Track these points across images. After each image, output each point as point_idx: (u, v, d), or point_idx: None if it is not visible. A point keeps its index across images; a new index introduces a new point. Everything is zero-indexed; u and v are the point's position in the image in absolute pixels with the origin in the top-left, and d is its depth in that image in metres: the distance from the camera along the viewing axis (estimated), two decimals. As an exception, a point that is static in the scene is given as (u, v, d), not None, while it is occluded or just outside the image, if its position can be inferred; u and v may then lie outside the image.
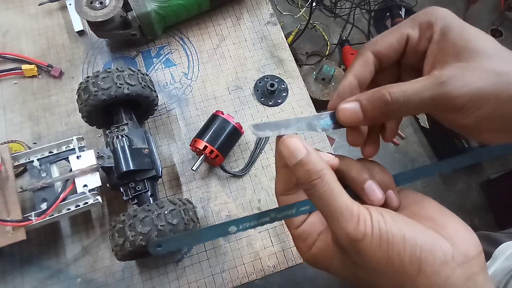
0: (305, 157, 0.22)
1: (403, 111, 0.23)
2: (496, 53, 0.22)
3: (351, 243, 0.21)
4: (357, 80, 0.26)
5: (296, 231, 0.26)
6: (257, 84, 0.70)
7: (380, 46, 0.26)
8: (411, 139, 1.60)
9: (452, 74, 0.22)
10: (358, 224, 0.21)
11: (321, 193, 0.22)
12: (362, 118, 0.24)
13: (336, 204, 0.21)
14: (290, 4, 1.80)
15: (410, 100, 0.22)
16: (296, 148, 0.23)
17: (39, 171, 0.51)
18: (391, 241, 0.20)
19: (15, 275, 0.54)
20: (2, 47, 0.69)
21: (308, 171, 0.22)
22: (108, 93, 0.52)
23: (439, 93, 0.22)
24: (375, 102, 0.23)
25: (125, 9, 0.64)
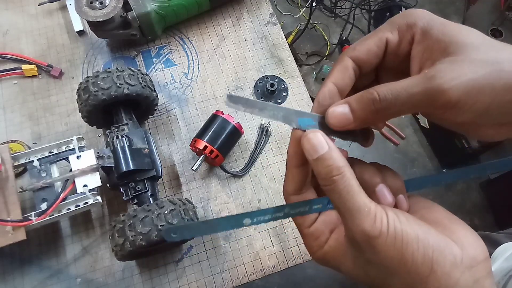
0: (327, 152, 0.23)
1: (392, 109, 0.22)
2: (483, 43, 0.22)
3: (367, 239, 0.21)
4: (337, 86, 0.26)
5: (308, 230, 0.26)
6: (257, 84, 0.70)
7: (358, 51, 0.26)
8: (411, 139, 1.60)
9: (441, 68, 0.21)
10: (375, 221, 0.21)
11: (340, 189, 0.22)
12: (351, 119, 0.24)
13: (355, 201, 0.22)
14: (290, 4, 1.80)
15: (399, 97, 0.22)
16: (319, 142, 0.23)
17: (39, 171, 0.51)
18: (405, 240, 0.20)
19: (15, 275, 0.54)
20: (2, 47, 0.69)
21: (329, 167, 0.22)
22: (108, 93, 0.52)
23: (429, 88, 0.21)
24: (364, 103, 0.23)
25: (125, 9, 0.64)
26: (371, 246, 0.21)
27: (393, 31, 0.25)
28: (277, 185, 0.63)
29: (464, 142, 1.37)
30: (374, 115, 0.23)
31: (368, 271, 0.23)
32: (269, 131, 0.66)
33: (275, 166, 0.65)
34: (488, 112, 0.21)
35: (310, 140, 0.23)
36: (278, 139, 0.67)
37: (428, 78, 0.21)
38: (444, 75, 0.21)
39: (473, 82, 0.20)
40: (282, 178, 0.64)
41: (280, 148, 0.66)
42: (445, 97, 0.20)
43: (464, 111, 0.21)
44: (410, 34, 0.24)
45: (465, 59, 0.21)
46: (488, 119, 0.22)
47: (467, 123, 0.22)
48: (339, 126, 0.24)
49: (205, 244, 0.58)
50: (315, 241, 0.26)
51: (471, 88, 0.20)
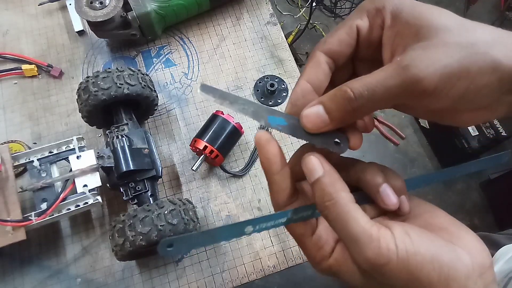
0: (321, 176, 0.22)
1: (369, 106, 0.21)
2: (457, 25, 0.21)
3: (374, 267, 0.20)
4: (311, 84, 0.24)
5: (311, 239, 0.24)
6: (257, 84, 0.70)
7: (330, 44, 0.24)
8: (411, 139, 1.60)
9: (414, 56, 0.20)
10: (379, 249, 0.20)
11: (334, 216, 0.21)
12: (328, 121, 0.22)
13: (352, 228, 0.20)
14: (290, 4, 1.80)
15: (375, 92, 0.20)
16: (313, 166, 0.22)
17: (39, 171, 0.51)
18: (420, 262, 0.19)
19: (15, 275, 0.54)
20: (2, 47, 0.69)
21: (322, 192, 0.22)
22: (108, 93, 0.52)
23: (404, 79, 0.20)
24: (338, 101, 0.21)
25: (125, 9, 0.64)
26: (380, 273, 0.20)
27: (362, 17, 0.24)
28: (277, 185, 0.63)
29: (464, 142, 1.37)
30: (351, 114, 0.22)
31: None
32: (269, 131, 0.66)
33: (275, 166, 0.65)
34: (465, 97, 0.20)
35: (307, 164, 0.23)
36: (278, 139, 0.67)
37: (403, 68, 0.20)
38: (419, 63, 0.19)
39: (449, 67, 0.19)
40: (282, 178, 0.64)
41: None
42: (422, 86, 0.19)
43: (441, 98, 0.20)
44: (380, 18, 0.23)
45: (438, 43, 0.20)
46: (465, 104, 0.21)
47: (446, 110, 0.22)
48: (314, 129, 0.23)
49: (205, 244, 0.58)
50: (318, 251, 0.24)
51: (447, 74, 0.19)
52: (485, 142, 1.34)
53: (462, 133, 1.36)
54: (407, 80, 0.20)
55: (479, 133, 1.35)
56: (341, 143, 0.24)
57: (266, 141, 0.23)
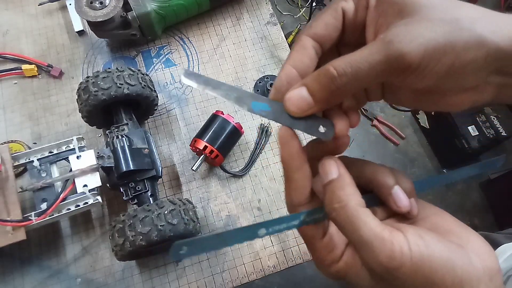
0: (334, 179, 0.22)
1: (354, 84, 0.20)
2: (441, 2, 0.20)
3: (387, 271, 0.19)
4: (297, 69, 0.23)
5: (321, 242, 0.23)
6: (257, 84, 0.70)
7: (315, 27, 0.23)
8: (411, 139, 1.60)
9: (398, 31, 0.19)
10: (393, 252, 0.19)
11: (343, 219, 0.21)
12: (312, 103, 0.21)
13: (362, 232, 0.20)
14: (290, 4, 1.80)
15: (359, 69, 0.20)
16: (329, 168, 0.22)
17: (39, 171, 0.51)
18: (434, 265, 0.19)
19: (15, 275, 0.54)
20: (2, 47, 0.69)
21: (331, 194, 0.21)
22: (108, 93, 0.52)
23: (389, 54, 0.19)
24: (321, 81, 0.21)
25: (125, 9, 0.64)
26: (394, 277, 0.20)
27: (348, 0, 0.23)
28: (277, 185, 0.63)
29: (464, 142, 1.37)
30: (335, 94, 0.21)
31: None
32: (269, 131, 0.66)
33: (275, 166, 0.65)
34: (451, 73, 0.20)
35: (324, 165, 0.22)
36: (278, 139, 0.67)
37: (387, 43, 0.19)
38: (402, 38, 0.19)
39: (433, 42, 0.19)
40: (282, 178, 0.64)
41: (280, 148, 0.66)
42: (406, 61, 0.19)
43: (426, 74, 0.20)
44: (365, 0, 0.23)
45: (422, 19, 0.20)
46: (451, 83, 0.20)
47: (429, 90, 0.21)
48: (299, 112, 0.22)
49: (205, 244, 0.58)
50: (328, 254, 0.23)
51: (432, 48, 0.19)
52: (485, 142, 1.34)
53: (462, 133, 1.36)
54: (391, 55, 0.19)
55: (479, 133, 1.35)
56: (326, 129, 0.23)
57: (290, 136, 0.23)
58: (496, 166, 0.27)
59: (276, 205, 0.62)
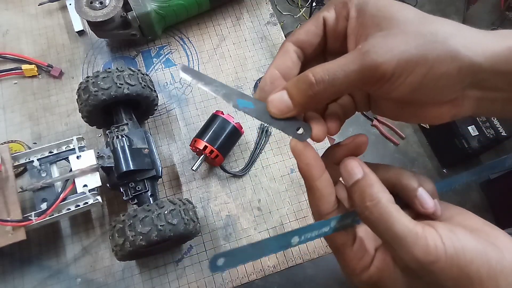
0: (361, 178, 0.22)
1: (330, 91, 0.22)
2: (418, 17, 0.21)
3: (423, 267, 0.20)
4: (280, 71, 0.25)
5: (352, 249, 0.23)
6: (257, 84, 0.70)
7: (298, 34, 0.25)
8: (411, 139, 1.60)
9: (374, 43, 0.21)
10: (427, 247, 0.19)
11: (376, 217, 0.21)
12: (291, 106, 0.23)
13: (396, 229, 0.20)
14: (290, 4, 1.80)
15: (336, 77, 0.21)
16: (353, 168, 0.23)
17: (39, 171, 0.51)
18: (469, 258, 0.19)
19: (15, 275, 0.54)
20: (2, 47, 0.69)
21: (362, 193, 0.22)
22: (108, 93, 0.52)
23: (364, 64, 0.20)
24: (300, 86, 0.22)
25: (125, 9, 0.64)
26: (429, 271, 0.20)
27: (330, 10, 0.25)
28: (277, 185, 0.63)
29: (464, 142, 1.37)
30: (312, 99, 0.22)
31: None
32: (269, 131, 0.66)
33: (275, 166, 0.65)
34: (424, 85, 0.20)
35: (346, 166, 0.23)
36: (278, 139, 0.67)
37: (363, 54, 0.21)
38: (378, 49, 0.20)
39: (406, 53, 0.20)
40: (282, 178, 0.64)
41: (280, 148, 0.66)
42: (380, 71, 0.20)
43: (399, 84, 0.21)
44: (346, 10, 0.24)
45: (398, 32, 0.21)
46: (427, 94, 0.21)
47: (409, 101, 0.22)
48: (278, 114, 0.23)
49: (205, 244, 0.58)
50: (359, 262, 0.23)
51: (405, 59, 0.20)
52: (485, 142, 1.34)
53: (462, 133, 1.36)
54: (366, 65, 0.20)
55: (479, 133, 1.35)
56: (304, 131, 0.24)
57: (304, 146, 0.23)
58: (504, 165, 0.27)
59: (276, 205, 0.62)
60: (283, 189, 0.63)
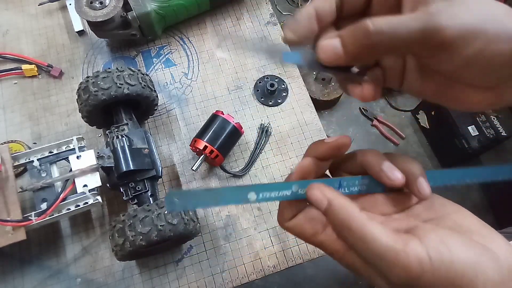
0: (327, 206, 0.22)
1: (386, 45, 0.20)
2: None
3: (407, 283, 0.19)
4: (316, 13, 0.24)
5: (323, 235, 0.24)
6: (257, 84, 0.70)
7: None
8: (411, 139, 1.60)
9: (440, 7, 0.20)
10: (409, 263, 0.19)
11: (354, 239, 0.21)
12: (342, 54, 0.22)
13: (374, 247, 0.20)
14: (290, 4, 1.80)
15: (396, 31, 0.20)
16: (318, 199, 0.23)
17: (39, 171, 0.51)
18: (460, 271, 0.19)
19: (15, 275, 0.54)
20: (2, 47, 0.69)
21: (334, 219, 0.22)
22: (108, 93, 0.52)
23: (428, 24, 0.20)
24: (356, 34, 0.21)
25: (125, 9, 0.64)
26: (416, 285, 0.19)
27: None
28: (277, 185, 0.63)
29: (464, 142, 1.37)
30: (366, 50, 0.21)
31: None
32: (269, 131, 0.66)
33: (275, 166, 0.65)
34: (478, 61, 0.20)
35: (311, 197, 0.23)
36: (278, 139, 0.67)
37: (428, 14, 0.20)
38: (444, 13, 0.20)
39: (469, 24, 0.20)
40: (282, 178, 0.64)
41: (280, 148, 0.66)
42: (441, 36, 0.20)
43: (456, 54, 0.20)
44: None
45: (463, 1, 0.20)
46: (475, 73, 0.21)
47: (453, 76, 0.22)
48: (328, 61, 0.22)
49: (205, 244, 0.59)
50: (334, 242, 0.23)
51: (466, 29, 0.20)
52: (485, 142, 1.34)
53: (462, 133, 1.36)
54: (430, 26, 0.20)
55: (479, 133, 1.35)
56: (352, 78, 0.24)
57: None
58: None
59: (276, 205, 0.62)
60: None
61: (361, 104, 1.63)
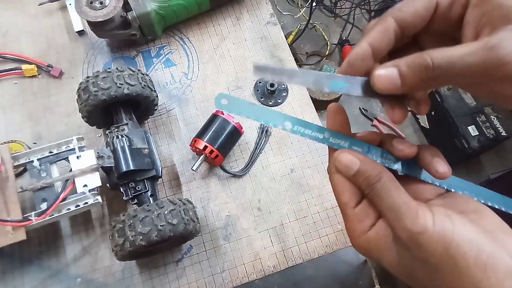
0: (360, 166, 0.24)
1: (445, 79, 0.21)
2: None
3: (411, 236, 0.21)
4: (372, 48, 0.24)
5: (353, 210, 0.25)
6: (257, 84, 0.70)
7: (404, 13, 0.23)
8: (411, 139, 1.60)
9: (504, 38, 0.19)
10: (417, 217, 0.21)
11: (379, 192, 0.23)
12: (399, 85, 0.22)
13: (394, 200, 0.22)
14: (290, 4, 1.79)
15: (455, 65, 0.20)
16: (349, 161, 0.24)
17: (39, 171, 0.51)
18: (456, 240, 0.20)
19: (15, 275, 0.54)
20: (2, 47, 0.69)
21: (367, 178, 0.23)
22: (108, 93, 0.52)
23: (489, 58, 0.19)
24: (415, 68, 0.21)
25: (125, 9, 0.64)
26: (416, 242, 0.21)
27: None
28: (277, 185, 0.63)
29: (464, 142, 1.37)
30: (424, 83, 0.21)
31: (413, 270, 0.22)
32: (269, 131, 0.66)
33: (275, 166, 0.65)
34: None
35: (341, 161, 0.24)
36: (278, 139, 0.67)
37: (490, 48, 0.19)
38: (507, 45, 0.19)
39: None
40: (282, 178, 0.64)
41: (280, 148, 0.66)
42: (506, 70, 0.19)
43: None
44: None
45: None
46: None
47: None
48: (384, 90, 0.23)
49: (205, 244, 0.58)
50: (359, 223, 0.24)
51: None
52: (485, 142, 1.34)
53: (462, 133, 1.36)
54: (492, 61, 0.19)
55: (479, 133, 1.35)
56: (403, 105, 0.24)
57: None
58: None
59: (276, 205, 0.62)
60: (283, 189, 0.63)
61: (361, 104, 1.63)
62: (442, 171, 0.24)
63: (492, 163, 1.52)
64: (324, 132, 0.25)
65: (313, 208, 0.62)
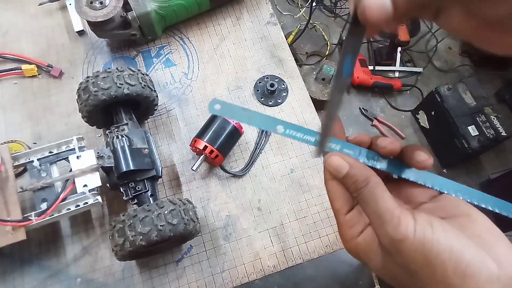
0: (349, 170, 0.25)
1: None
2: None
3: (392, 243, 0.22)
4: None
5: (345, 217, 0.26)
6: (257, 84, 0.70)
7: None
8: (411, 139, 1.60)
9: None
10: (399, 225, 0.22)
11: (365, 197, 0.24)
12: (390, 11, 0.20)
13: (378, 206, 0.23)
14: (290, 4, 1.79)
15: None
16: (338, 164, 0.25)
17: (39, 171, 0.51)
18: (435, 249, 0.21)
19: (15, 275, 0.54)
20: (2, 47, 0.69)
21: (355, 182, 0.24)
22: (108, 93, 0.52)
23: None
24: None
25: (125, 9, 0.64)
26: (397, 249, 0.22)
27: None
28: (277, 185, 0.63)
29: (464, 142, 1.37)
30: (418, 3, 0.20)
31: (396, 275, 0.23)
32: (269, 132, 0.66)
33: (275, 166, 0.65)
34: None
35: (331, 164, 0.25)
36: (278, 139, 0.67)
37: None
38: None
39: None
40: (282, 178, 0.64)
41: (280, 148, 0.66)
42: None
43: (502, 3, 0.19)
44: None
45: None
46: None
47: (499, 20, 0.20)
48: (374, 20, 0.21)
49: (205, 244, 0.58)
50: (349, 229, 0.26)
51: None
52: (485, 142, 1.34)
53: (462, 133, 1.36)
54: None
55: (479, 133, 1.35)
56: None
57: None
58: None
59: (276, 205, 0.62)
60: (283, 189, 0.63)
61: (361, 104, 1.63)
62: (422, 159, 0.25)
63: (492, 163, 1.52)
64: (315, 136, 0.26)
65: (313, 208, 0.62)
